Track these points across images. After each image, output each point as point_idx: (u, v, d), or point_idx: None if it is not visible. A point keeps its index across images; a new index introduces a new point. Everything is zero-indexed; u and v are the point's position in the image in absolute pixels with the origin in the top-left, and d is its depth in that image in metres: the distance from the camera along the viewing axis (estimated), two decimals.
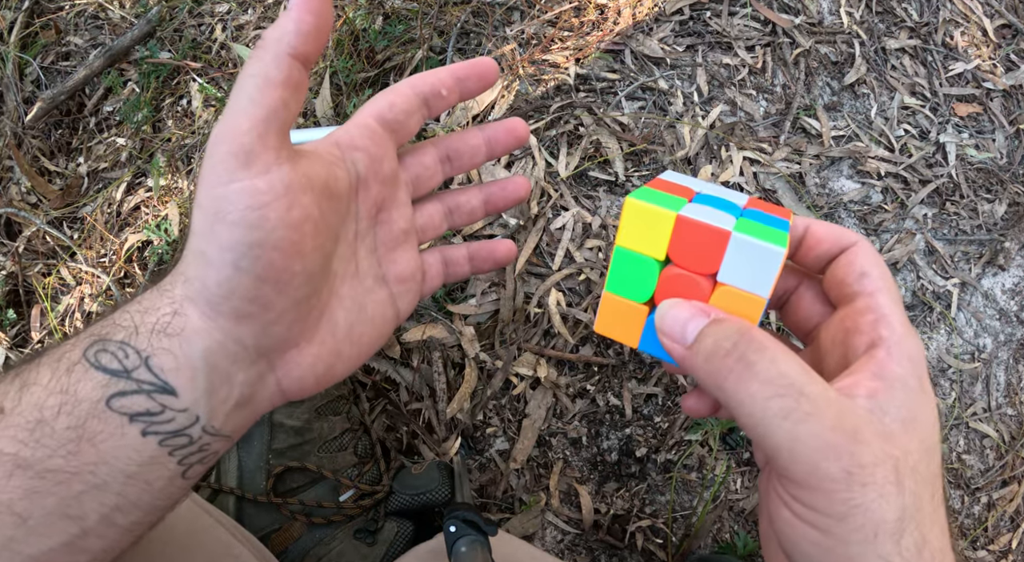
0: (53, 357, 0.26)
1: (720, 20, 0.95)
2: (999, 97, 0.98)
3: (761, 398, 0.22)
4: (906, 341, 0.25)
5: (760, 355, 0.23)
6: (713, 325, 0.25)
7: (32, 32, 1.01)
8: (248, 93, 0.26)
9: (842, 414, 0.22)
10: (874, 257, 0.28)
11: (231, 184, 0.25)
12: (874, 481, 0.22)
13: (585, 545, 0.75)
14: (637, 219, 0.25)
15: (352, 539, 0.64)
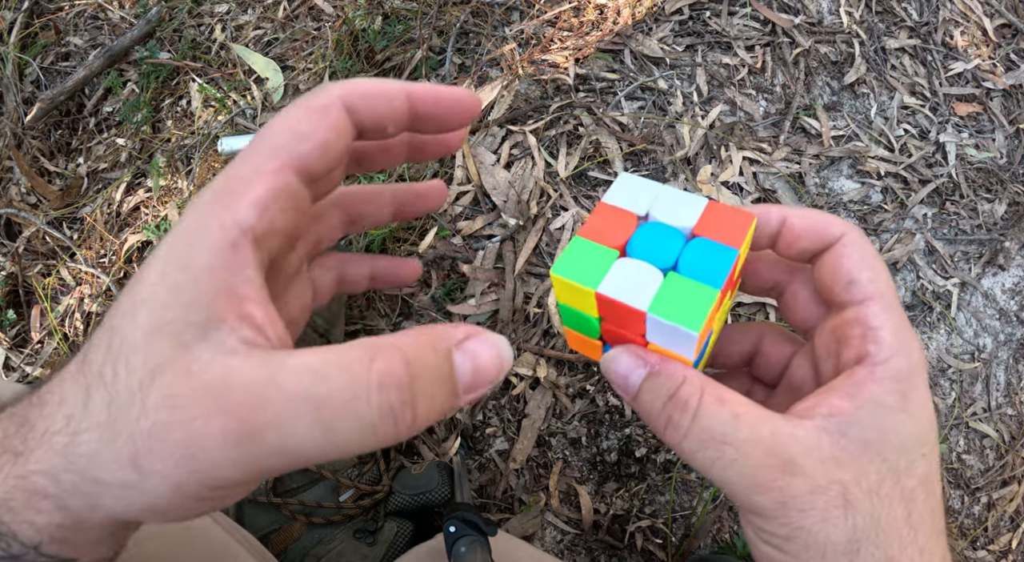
0: None
1: (720, 20, 0.95)
2: (999, 97, 0.98)
3: (689, 452, 0.24)
4: (897, 356, 0.24)
5: (683, 415, 0.24)
6: (649, 379, 0.25)
7: (32, 33, 1.01)
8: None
9: (771, 451, 0.23)
10: (862, 254, 0.26)
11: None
12: (813, 507, 0.23)
13: (585, 545, 0.75)
14: (564, 290, 0.26)
15: (352, 539, 0.64)
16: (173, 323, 0.18)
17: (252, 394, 0.18)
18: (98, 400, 0.19)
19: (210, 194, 0.20)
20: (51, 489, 0.20)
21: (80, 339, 0.85)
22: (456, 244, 0.82)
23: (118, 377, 0.19)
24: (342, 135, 0.22)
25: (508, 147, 0.87)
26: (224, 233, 0.19)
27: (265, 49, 0.95)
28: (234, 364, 0.18)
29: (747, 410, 0.24)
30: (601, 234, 0.26)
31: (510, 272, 0.81)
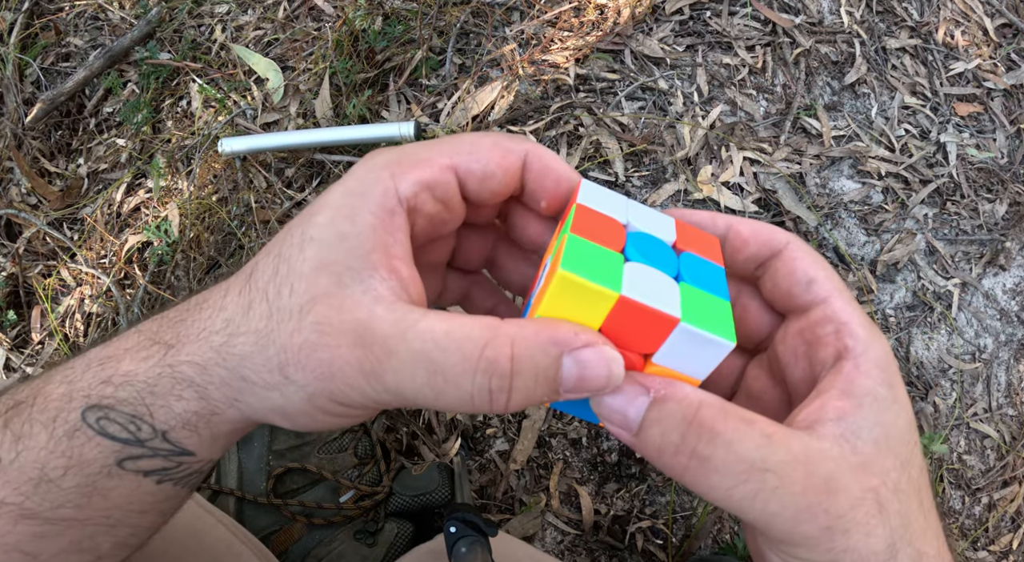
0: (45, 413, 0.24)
1: (720, 20, 0.95)
2: (1000, 96, 0.98)
3: (724, 489, 0.21)
4: (872, 347, 0.24)
5: (713, 447, 0.21)
6: (656, 407, 0.22)
7: (32, 33, 1.01)
8: None
9: (811, 468, 0.21)
10: (813, 258, 0.26)
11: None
12: (856, 523, 0.21)
13: (585, 546, 0.75)
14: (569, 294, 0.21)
15: (352, 540, 0.64)
16: (335, 264, 0.22)
17: (386, 341, 0.21)
18: (259, 312, 0.23)
19: (383, 160, 0.24)
20: (198, 379, 0.23)
21: (81, 340, 0.85)
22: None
23: (281, 297, 0.22)
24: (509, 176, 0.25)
25: None
26: (386, 199, 0.23)
27: (265, 50, 0.95)
28: (378, 311, 0.21)
29: (775, 429, 0.22)
30: (597, 235, 0.23)
31: None
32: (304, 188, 0.88)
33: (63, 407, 0.24)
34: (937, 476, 0.82)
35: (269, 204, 0.87)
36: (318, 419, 0.23)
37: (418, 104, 0.90)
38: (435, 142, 0.25)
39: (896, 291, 0.87)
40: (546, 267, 0.25)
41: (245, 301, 0.23)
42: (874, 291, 0.87)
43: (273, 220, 0.86)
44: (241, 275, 0.24)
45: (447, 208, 0.25)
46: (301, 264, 0.22)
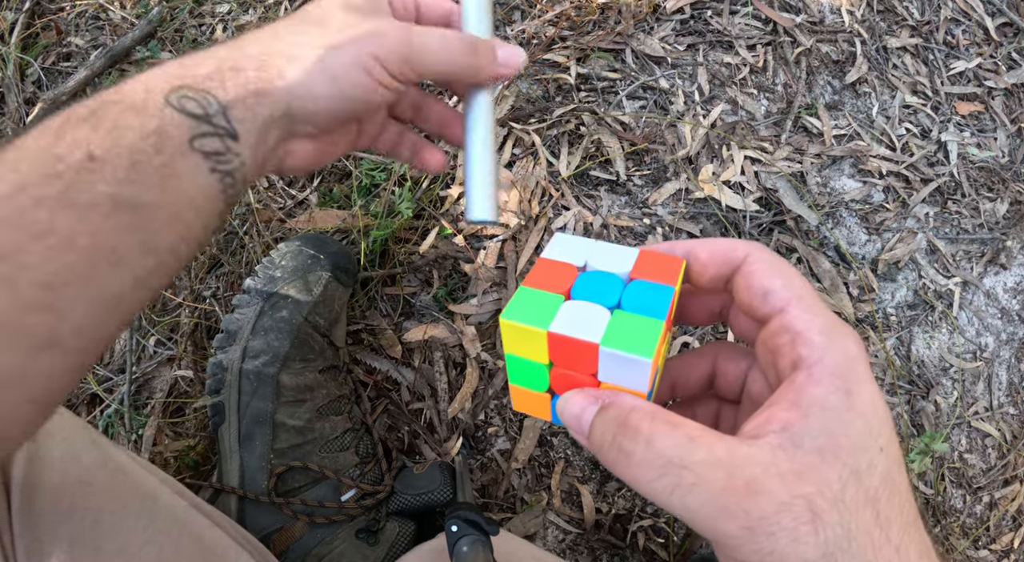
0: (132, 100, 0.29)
1: (721, 19, 0.95)
2: (1000, 96, 0.98)
3: (645, 481, 0.23)
4: (829, 353, 0.24)
5: (634, 442, 0.23)
6: (600, 414, 0.25)
7: (33, 33, 1.01)
8: None
9: (732, 471, 0.22)
10: (769, 265, 0.26)
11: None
12: (781, 527, 0.22)
13: (587, 545, 0.75)
14: (514, 335, 0.27)
15: (354, 539, 0.64)
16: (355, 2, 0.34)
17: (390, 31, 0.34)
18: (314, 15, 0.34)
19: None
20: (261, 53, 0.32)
21: None
22: (458, 244, 0.82)
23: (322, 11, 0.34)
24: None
25: (510, 146, 0.87)
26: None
27: None
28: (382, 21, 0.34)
29: (701, 433, 0.23)
30: (545, 283, 0.28)
31: (512, 272, 0.81)
32: (305, 187, 0.88)
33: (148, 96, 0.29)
34: (938, 475, 0.82)
35: (271, 203, 0.87)
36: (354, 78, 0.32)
37: None
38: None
39: (897, 290, 0.87)
40: None
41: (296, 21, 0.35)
42: (875, 290, 0.87)
43: (275, 219, 0.86)
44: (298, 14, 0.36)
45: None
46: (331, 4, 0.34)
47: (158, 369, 0.83)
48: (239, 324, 0.69)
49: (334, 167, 0.88)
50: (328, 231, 0.83)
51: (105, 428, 0.79)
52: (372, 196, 0.85)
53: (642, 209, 0.86)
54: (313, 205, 0.87)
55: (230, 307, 0.71)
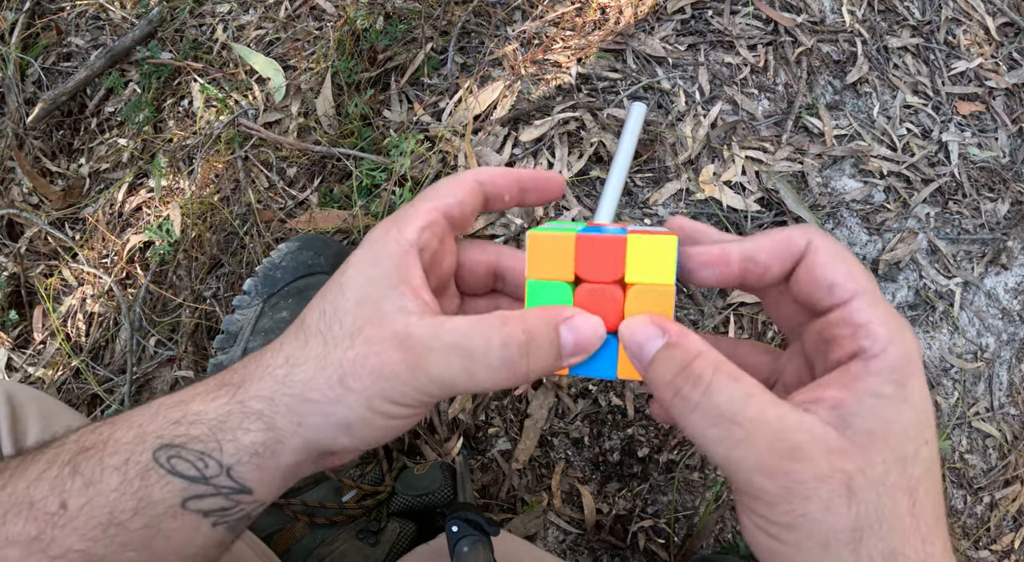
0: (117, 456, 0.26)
1: (722, 19, 0.95)
2: (1001, 96, 0.98)
3: (699, 428, 0.24)
4: (890, 348, 0.24)
5: (694, 389, 0.24)
6: (664, 351, 0.26)
7: (33, 33, 1.01)
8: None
9: (779, 436, 0.23)
10: (835, 255, 0.26)
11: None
12: (818, 495, 0.23)
13: (587, 545, 0.75)
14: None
15: (355, 539, 0.64)
16: (372, 296, 0.27)
17: (423, 342, 0.26)
18: (315, 344, 0.27)
19: (385, 224, 0.30)
20: (266, 410, 0.27)
21: (83, 339, 0.85)
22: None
23: (332, 330, 0.27)
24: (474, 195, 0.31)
25: (509, 147, 0.87)
26: (400, 246, 0.28)
27: (267, 49, 0.95)
28: (412, 321, 0.27)
29: (759, 392, 0.24)
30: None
31: None
32: (306, 187, 0.88)
33: (135, 449, 0.26)
34: None
35: (271, 203, 0.87)
36: (377, 425, 0.27)
37: (420, 103, 0.90)
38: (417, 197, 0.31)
39: (898, 290, 0.87)
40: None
41: (301, 339, 0.28)
42: None
43: (275, 220, 0.86)
44: (294, 325, 0.29)
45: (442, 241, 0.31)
46: (345, 303, 0.27)
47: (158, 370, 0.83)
48: (239, 325, 0.69)
49: (334, 167, 0.88)
50: (329, 232, 0.83)
51: None
52: (372, 196, 0.85)
53: (643, 209, 0.86)
54: (313, 205, 0.87)
55: (230, 308, 0.71)
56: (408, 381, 0.26)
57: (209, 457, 0.26)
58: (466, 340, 0.26)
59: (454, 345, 0.26)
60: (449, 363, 0.26)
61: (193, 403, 0.27)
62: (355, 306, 0.27)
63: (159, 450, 0.26)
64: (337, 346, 0.27)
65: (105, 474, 0.26)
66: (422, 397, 0.27)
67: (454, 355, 0.26)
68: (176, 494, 0.26)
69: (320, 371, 0.27)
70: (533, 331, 0.26)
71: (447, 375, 0.26)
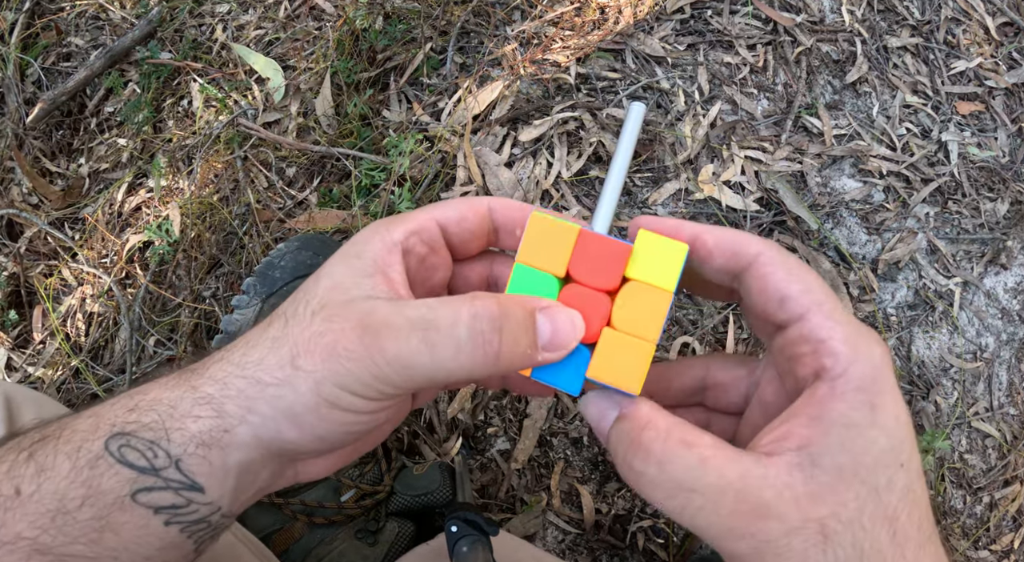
0: (70, 444, 0.25)
1: (721, 19, 0.95)
2: (1001, 95, 0.98)
3: (658, 500, 0.24)
4: (854, 365, 0.23)
5: (646, 464, 0.24)
6: (616, 425, 0.25)
7: (33, 33, 1.01)
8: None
9: (742, 496, 0.22)
10: (787, 269, 0.25)
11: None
12: (790, 550, 0.22)
13: (586, 545, 0.75)
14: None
15: (353, 539, 0.64)
16: (344, 283, 0.26)
17: (385, 319, 0.24)
18: (277, 325, 0.26)
19: (376, 223, 0.29)
20: (216, 394, 0.25)
21: (83, 339, 0.85)
22: None
23: (297, 311, 0.26)
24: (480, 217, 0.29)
25: (509, 147, 0.87)
26: (384, 242, 0.27)
27: (266, 49, 0.95)
28: (378, 303, 0.25)
29: (715, 453, 0.23)
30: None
31: None
32: (305, 187, 0.88)
33: (88, 437, 0.25)
34: (939, 475, 0.82)
35: (270, 203, 0.87)
36: (328, 417, 0.25)
37: (419, 103, 0.90)
38: (425, 208, 0.30)
39: (898, 290, 0.87)
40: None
41: (264, 324, 0.27)
42: (875, 290, 0.86)
43: (274, 219, 0.86)
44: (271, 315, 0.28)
45: (434, 251, 0.29)
46: (316, 288, 0.26)
47: (158, 369, 0.83)
48: (238, 325, 0.69)
49: (334, 167, 0.88)
50: (328, 231, 0.83)
51: None
52: (372, 196, 0.85)
53: (642, 209, 0.86)
54: (313, 205, 0.87)
55: (229, 307, 0.71)
56: (362, 360, 0.24)
57: (158, 447, 0.25)
58: (431, 313, 0.24)
59: (417, 319, 0.24)
60: (408, 338, 0.23)
61: (152, 391, 0.26)
62: (325, 290, 0.26)
63: (111, 438, 0.25)
64: (297, 324, 0.25)
65: (58, 460, 0.25)
66: (378, 385, 0.24)
67: (416, 329, 0.24)
68: (125, 484, 0.25)
69: (274, 350, 0.25)
70: (507, 309, 0.24)
71: (404, 352, 0.23)
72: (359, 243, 0.28)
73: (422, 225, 0.28)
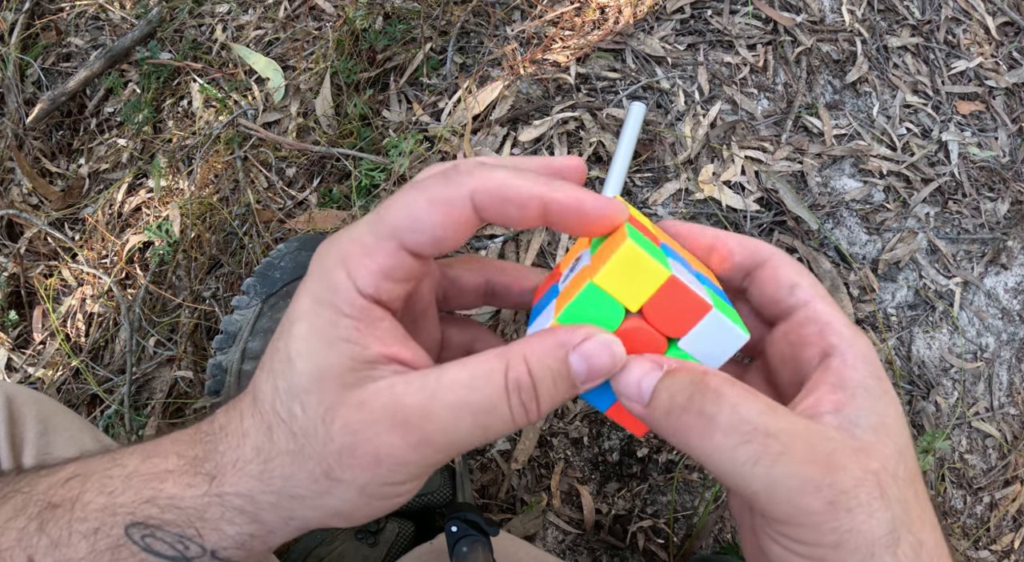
0: (86, 524, 0.25)
1: (721, 18, 0.95)
2: (1001, 95, 0.98)
3: (728, 448, 0.22)
4: (856, 343, 0.25)
5: (718, 405, 0.22)
6: (667, 377, 0.23)
7: (33, 33, 1.01)
8: None
9: (813, 443, 0.22)
10: (796, 267, 0.27)
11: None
12: (859, 503, 0.22)
13: (586, 545, 0.75)
14: (627, 266, 0.24)
15: (354, 540, 0.64)
16: (333, 369, 0.22)
17: (420, 409, 0.22)
18: (282, 434, 0.23)
19: (334, 257, 0.23)
20: (248, 507, 0.24)
21: (83, 340, 0.85)
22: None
23: (295, 417, 0.23)
24: (460, 230, 0.23)
25: (508, 147, 0.87)
26: (354, 300, 0.23)
27: (266, 49, 0.95)
28: (398, 389, 0.22)
29: (778, 405, 0.23)
30: (641, 232, 0.26)
31: None
32: (305, 187, 0.88)
33: (105, 520, 0.24)
34: (939, 475, 0.82)
35: (270, 204, 0.87)
36: (375, 507, 0.24)
37: (419, 103, 0.90)
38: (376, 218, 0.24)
39: (898, 290, 0.87)
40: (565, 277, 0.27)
41: (263, 425, 0.24)
42: (876, 290, 0.86)
43: (274, 220, 0.86)
44: (246, 397, 0.25)
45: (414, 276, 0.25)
46: (298, 379, 0.23)
47: (158, 370, 0.83)
48: (238, 325, 0.69)
49: (333, 167, 0.88)
50: (328, 232, 0.83)
51: (105, 428, 0.79)
52: (372, 196, 0.85)
53: (642, 209, 0.86)
54: (312, 206, 0.87)
55: (229, 308, 0.71)
56: (408, 460, 0.22)
57: (190, 541, 0.24)
58: (473, 394, 0.22)
59: (460, 403, 0.22)
60: (458, 425, 0.22)
61: (167, 483, 0.25)
62: (314, 383, 0.22)
63: (131, 527, 0.24)
64: (311, 438, 0.22)
65: (73, 539, 0.24)
66: (425, 470, 0.23)
67: (462, 414, 0.22)
68: None
69: (299, 467, 0.23)
70: (539, 369, 0.23)
71: (456, 439, 0.22)
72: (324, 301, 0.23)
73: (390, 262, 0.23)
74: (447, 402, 0.22)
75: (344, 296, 0.23)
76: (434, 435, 0.22)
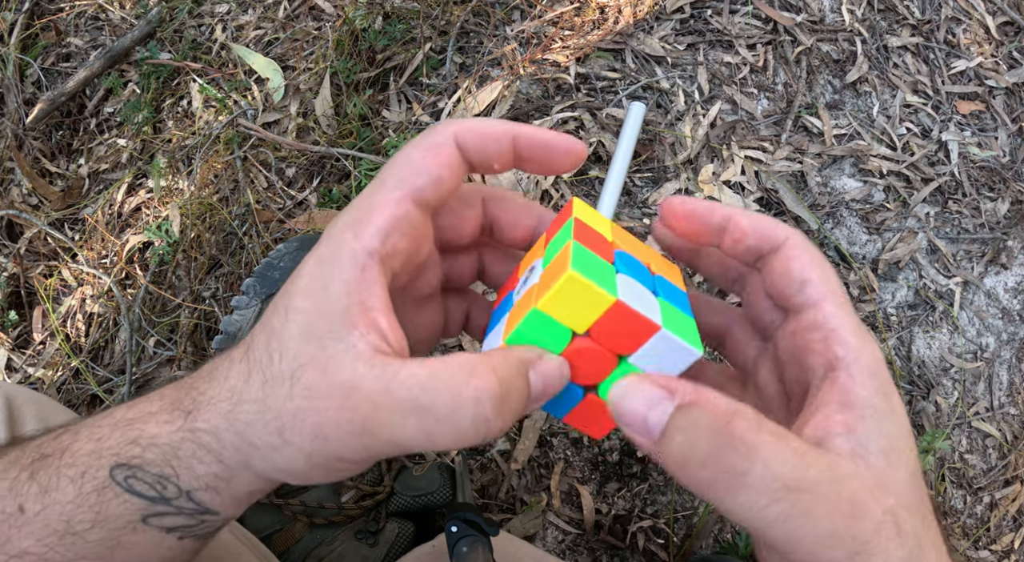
0: (73, 468, 0.25)
1: (721, 18, 0.95)
2: (1001, 95, 0.98)
3: (757, 508, 0.20)
4: (863, 355, 0.23)
5: (750, 461, 0.20)
6: (681, 415, 0.21)
7: (33, 34, 1.01)
8: None
9: (838, 489, 0.20)
10: (810, 256, 0.26)
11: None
12: (879, 549, 0.20)
13: (586, 545, 0.75)
14: (572, 293, 0.24)
15: (353, 540, 0.64)
16: (317, 329, 0.23)
17: (371, 398, 0.22)
18: (257, 380, 0.24)
19: (343, 222, 0.24)
20: (214, 445, 0.24)
21: (83, 340, 0.85)
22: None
23: (272, 364, 0.23)
24: (454, 170, 0.25)
25: None
26: (354, 259, 0.23)
27: (266, 49, 0.95)
28: (360, 370, 0.22)
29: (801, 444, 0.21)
30: (592, 246, 0.26)
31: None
32: (305, 188, 0.88)
33: (91, 464, 0.25)
34: (939, 475, 0.82)
35: (270, 204, 0.87)
36: (323, 475, 0.24)
37: (419, 103, 0.90)
38: (380, 178, 0.25)
39: (898, 290, 0.87)
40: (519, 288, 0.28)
41: (245, 369, 0.24)
42: (876, 290, 0.86)
43: (274, 220, 0.86)
44: (243, 345, 0.26)
45: (419, 234, 0.25)
46: (287, 333, 0.23)
47: (158, 370, 0.83)
48: (238, 325, 0.69)
49: (333, 167, 0.88)
50: None
51: None
52: None
53: (642, 209, 0.86)
54: (312, 206, 0.87)
55: (229, 308, 0.71)
56: (351, 444, 0.22)
57: (167, 480, 0.25)
58: (425, 396, 0.21)
59: (409, 403, 0.21)
60: (403, 423, 0.22)
61: (149, 424, 0.26)
62: (297, 338, 0.23)
63: (115, 468, 0.25)
64: (276, 389, 0.23)
65: (61, 483, 0.25)
66: (368, 457, 0.23)
67: (410, 415, 0.21)
68: (135, 511, 0.25)
69: (259, 416, 0.23)
70: (508, 382, 0.22)
71: (399, 437, 0.22)
72: (326, 260, 0.24)
73: (397, 216, 0.24)
74: (397, 398, 0.21)
75: (347, 256, 0.23)
76: (376, 428, 0.22)
